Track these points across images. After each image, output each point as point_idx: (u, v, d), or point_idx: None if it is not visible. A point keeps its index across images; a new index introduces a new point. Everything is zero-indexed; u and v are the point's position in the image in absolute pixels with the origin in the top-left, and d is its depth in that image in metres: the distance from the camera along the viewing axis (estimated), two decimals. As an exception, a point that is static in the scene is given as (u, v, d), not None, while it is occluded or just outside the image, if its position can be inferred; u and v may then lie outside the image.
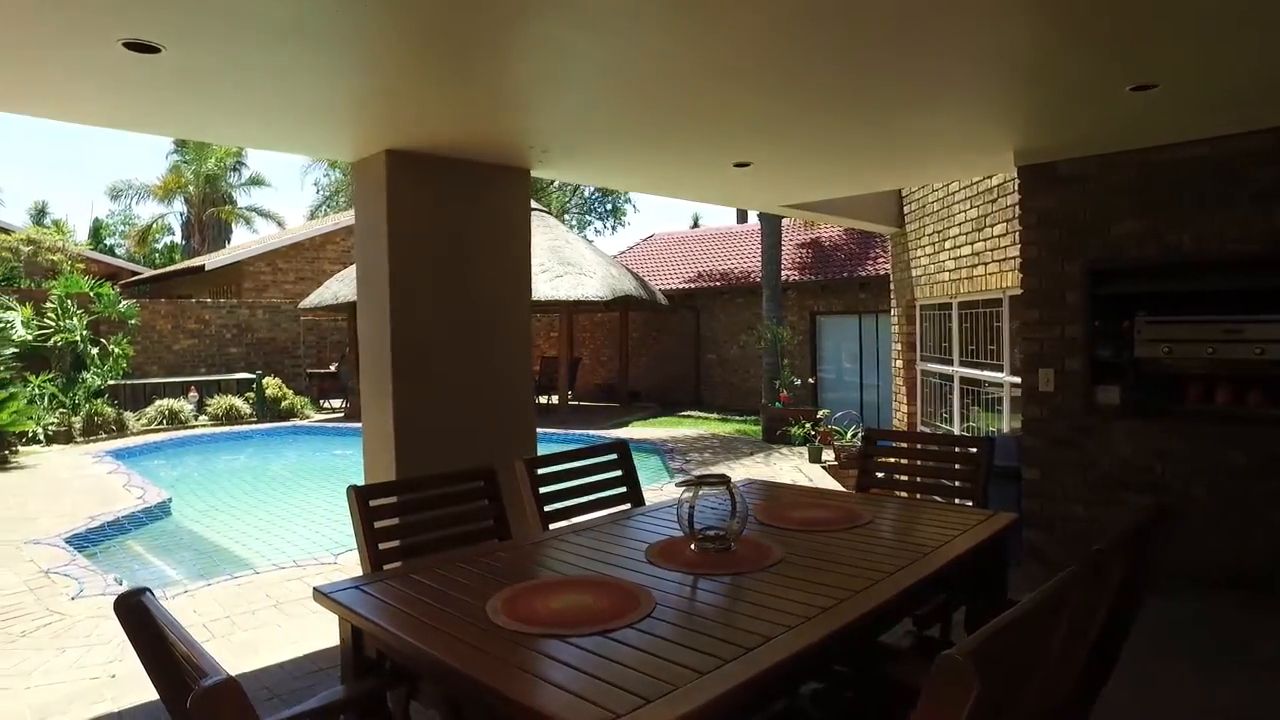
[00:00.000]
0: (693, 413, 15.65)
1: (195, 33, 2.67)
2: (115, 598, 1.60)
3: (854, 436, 9.75)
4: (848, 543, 2.73)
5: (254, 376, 14.57)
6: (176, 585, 5.14)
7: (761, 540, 2.72)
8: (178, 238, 35.78)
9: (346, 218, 20.02)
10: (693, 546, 2.61)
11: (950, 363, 7.88)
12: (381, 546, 2.76)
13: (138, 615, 1.59)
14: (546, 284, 13.19)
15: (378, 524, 2.79)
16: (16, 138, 63.05)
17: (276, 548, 6.44)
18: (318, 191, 33.18)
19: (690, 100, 3.73)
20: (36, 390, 11.59)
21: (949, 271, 7.61)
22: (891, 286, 9.47)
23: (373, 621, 2.15)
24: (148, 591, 1.62)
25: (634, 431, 12.63)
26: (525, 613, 2.07)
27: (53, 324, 12.87)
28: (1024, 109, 4.08)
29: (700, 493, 2.63)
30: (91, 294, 13.61)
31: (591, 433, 12.29)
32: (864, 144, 4.74)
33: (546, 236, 14.83)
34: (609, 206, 29.46)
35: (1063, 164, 4.90)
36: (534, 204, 17.60)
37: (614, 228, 43.89)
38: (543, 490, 3.37)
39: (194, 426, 13.39)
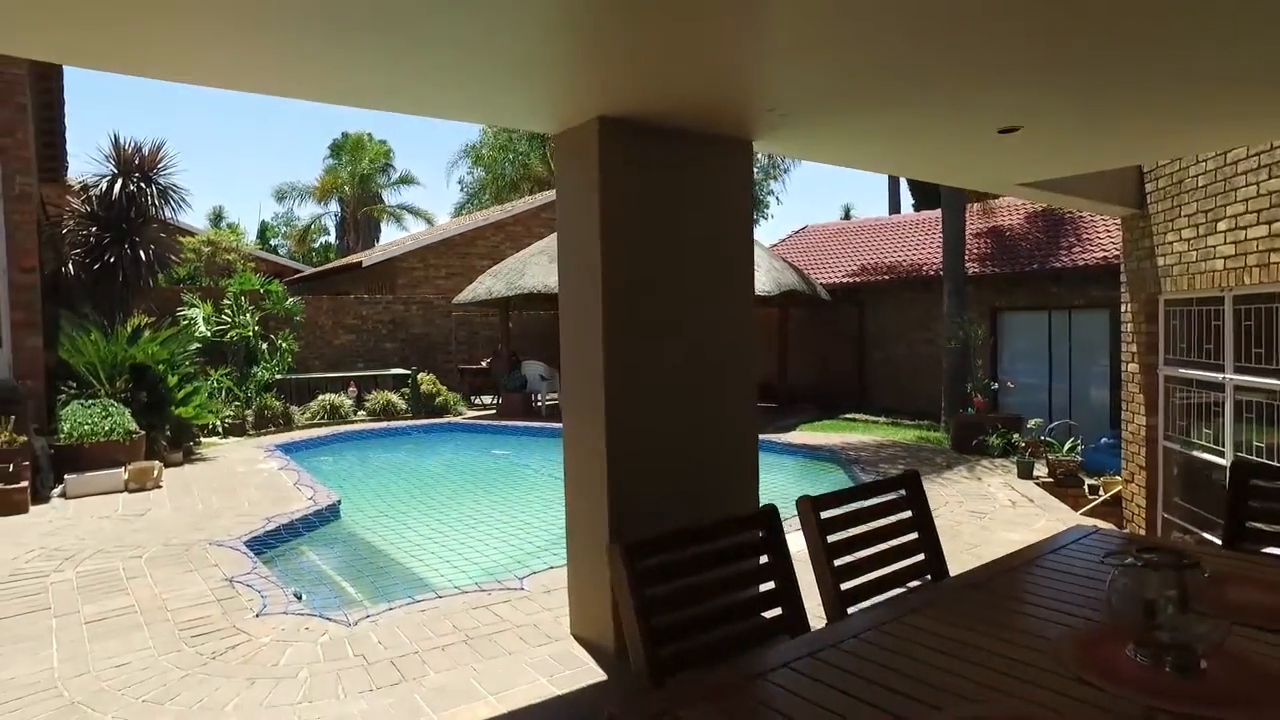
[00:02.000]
0: (857, 415, 14.52)
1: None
2: None
3: (1071, 450, 8.45)
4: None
5: (409, 372, 14.66)
6: (357, 607, 4.74)
7: (1248, 656, 1.81)
8: (332, 237, 37.75)
9: (497, 213, 20.10)
10: (1136, 657, 1.75)
11: (1219, 368, 6.51)
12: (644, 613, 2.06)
13: None
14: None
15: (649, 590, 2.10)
16: (199, 148, 68.94)
17: (452, 563, 6.01)
18: (462, 189, 33.99)
19: (959, 47, 2.88)
20: (215, 384, 11.98)
21: (1224, 259, 6.25)
22: (1123, 279, 8.09)
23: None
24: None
25: (803, 436, 11.71)
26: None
27: (229, 320, 13.33)
28: None
29: (1140, 570, 1.76)
30: (262, 291, 14.06)
31: (761, 437, 11.42)
32: (1166, 96, 3.67)
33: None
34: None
35: None
36: None
37: (757, 220, 42.64)
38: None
39: (353, 421, 13.57)
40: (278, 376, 13.33)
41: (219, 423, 11.57)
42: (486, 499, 8.48)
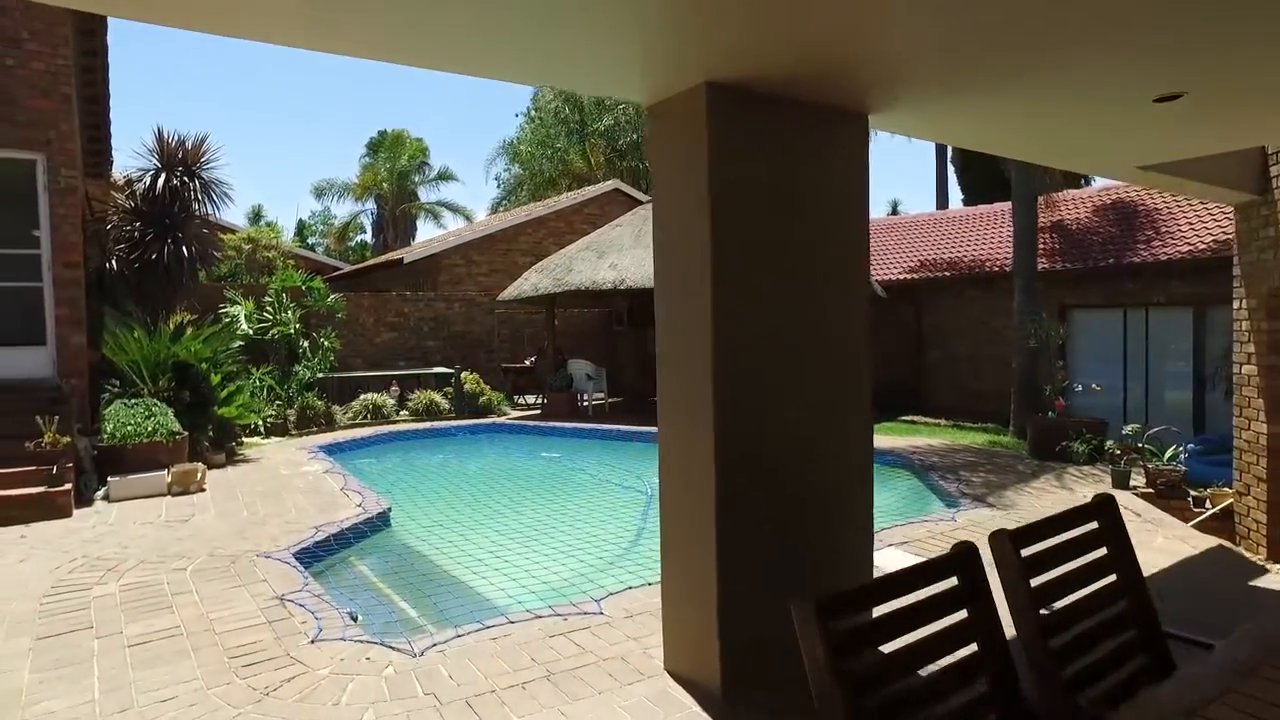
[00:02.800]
0: (916, 417, 13.90)
1: None
2: None
3: (1173, 458, 7.79)
4: None
5: (452, 371, 14.32)
6: (421, 633, 4.31)
7: None
8: (368, 236, 37.76)
9: (540, 208, 19.72)
10: None
11: (1360, 371, 5.85)
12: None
13: None
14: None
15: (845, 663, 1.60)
16: (237, 148, 69.80)
17: (516, 579, 5.57)
18: (498, 186, 33.76)
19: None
20: (257, 383, 11.71)
21: (1372, 248, 5.60)
22: (1236, 271, 7.41)
23: None
24: None
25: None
26: None
27: (270, 318, 13.08)
28: None
29: None
30: (304, 288, 13.80)
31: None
32: None
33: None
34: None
35: None
36: None
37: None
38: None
39: (395, 421, 13.26)
40: (319, 375, 13.05)
41: (260, 422, 11.30)
42: (544, 506, 8.05)
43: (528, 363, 16.04)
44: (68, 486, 7.02)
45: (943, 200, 28.00)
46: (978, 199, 24.43)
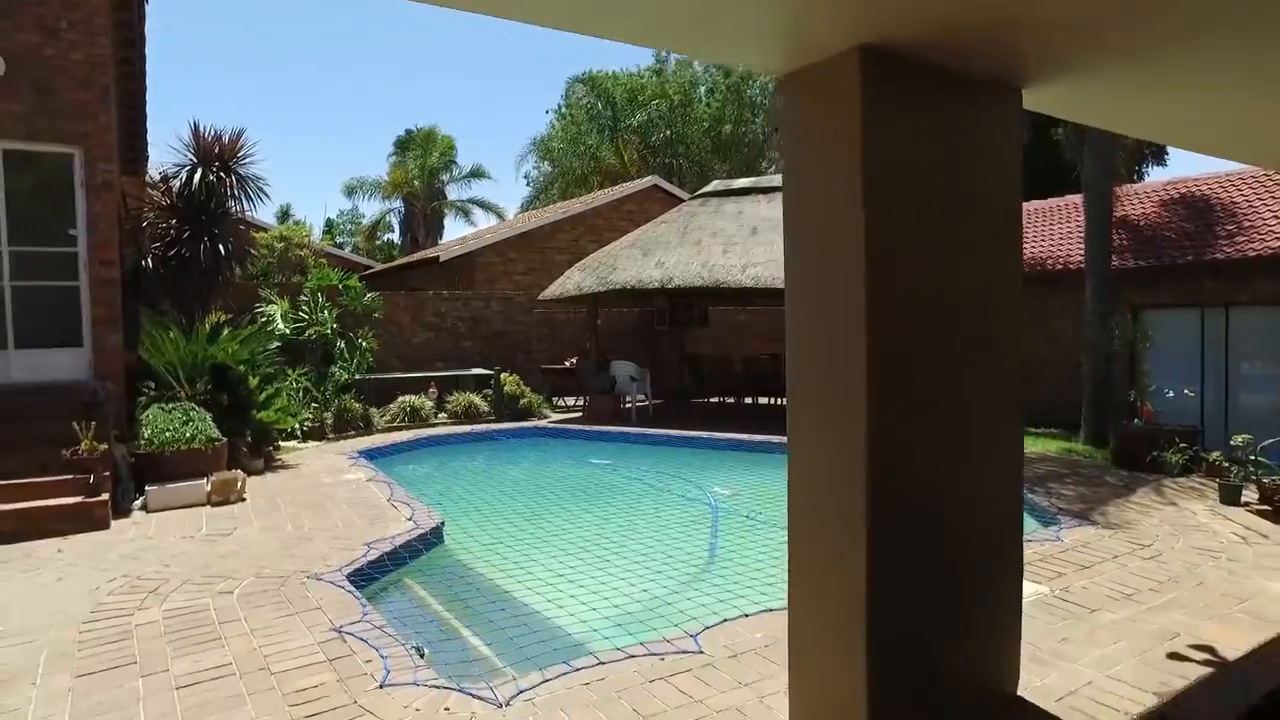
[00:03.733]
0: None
1: None
2: None
3: (1288, 473, 7.15)
4: None
5: (491, 373, 13.89)
6: (501, 677, 3.84)
7: None
8: (396, 235, 37.55)
9: (578, 205, 19.28)
10: None
11: None
12: None
13: None
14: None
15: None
16: (264, 148, 69.99)
17: (593, 606, 5.08)
18: (528, 184, 33.40)
19: None
20: (294, 385, 11.34)
21: None
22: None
23: None
24: None
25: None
26: None
27: (306, 317, 12.73)
28: None
29: None
30: (340, 287, 13.44)
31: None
32: None
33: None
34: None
35: None
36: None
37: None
38: None
39: (434, 424, 12.87)
40: (356, 377, 12.68)
41: (298, 426, 10.93)
42: (606, 519, 7.56)
43: (568, 364, 15.58)
44: (105, 496, 6.67)
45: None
46: (1025, 197, 23.67)
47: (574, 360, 15.69)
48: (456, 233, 31.91)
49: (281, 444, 10.45)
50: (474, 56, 71.99)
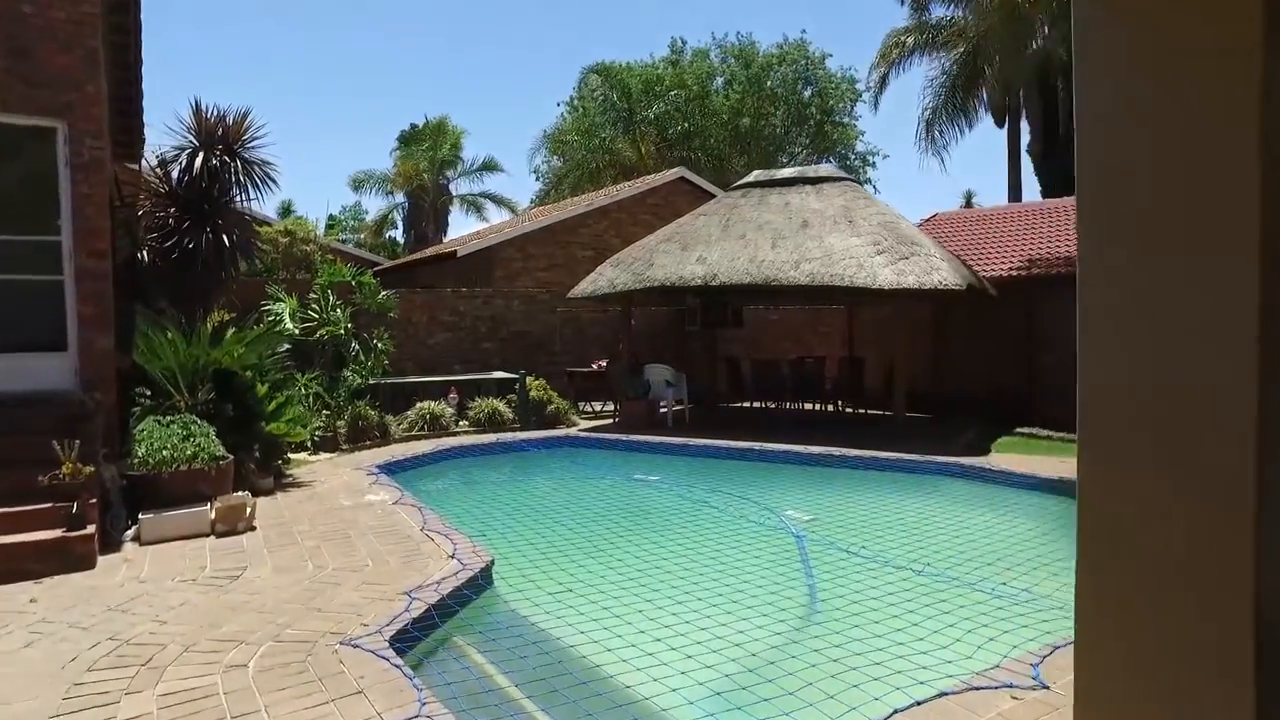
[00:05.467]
0: (1036, 430, 12.23)
1: None
2: None
3: None
4: None
5: (515, 376, 12.84)
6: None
7: None
8: (399, 231, 36.46)
9: (602, 198, 18.22)
10: None
11: None
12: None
13: None
14: (889, 269, 10.32)
15: None
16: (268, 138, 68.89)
17: (693, 675, 4.03)
18: (537, 179, 32.34)
19: None
20: (303, 390, 10.29)
21: None
22: None
23: None
24: None
25: (1012, 462, 9.48)
26: None
27: (316, 317, 11.68)
28: None
29: None
30: (354, 284, 12.38)
31: (938, 459, 9.38)
32: None
33: (868, 207, 11.99)
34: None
35: None
36: (832, 168, 14.67)
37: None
38: None
39: (456, 433, 11.82)
40: (370, 381, 11.62)
41: (310, 438, 9.88)
42: (676, 552, 6.47)
43: (595, 366, 14.53)
44: (90, 529, 5.62)
45: (1015, 193, 26.15)
46: (1060, 191, 22.63)
47: (602, 363, 14.64)
48: (465, 228, 30.90)
49: (291, 457, 9.40)
50: (483, 49, 70.85)
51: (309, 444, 10.04)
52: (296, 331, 11.19)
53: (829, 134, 30.15)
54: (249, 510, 6.51)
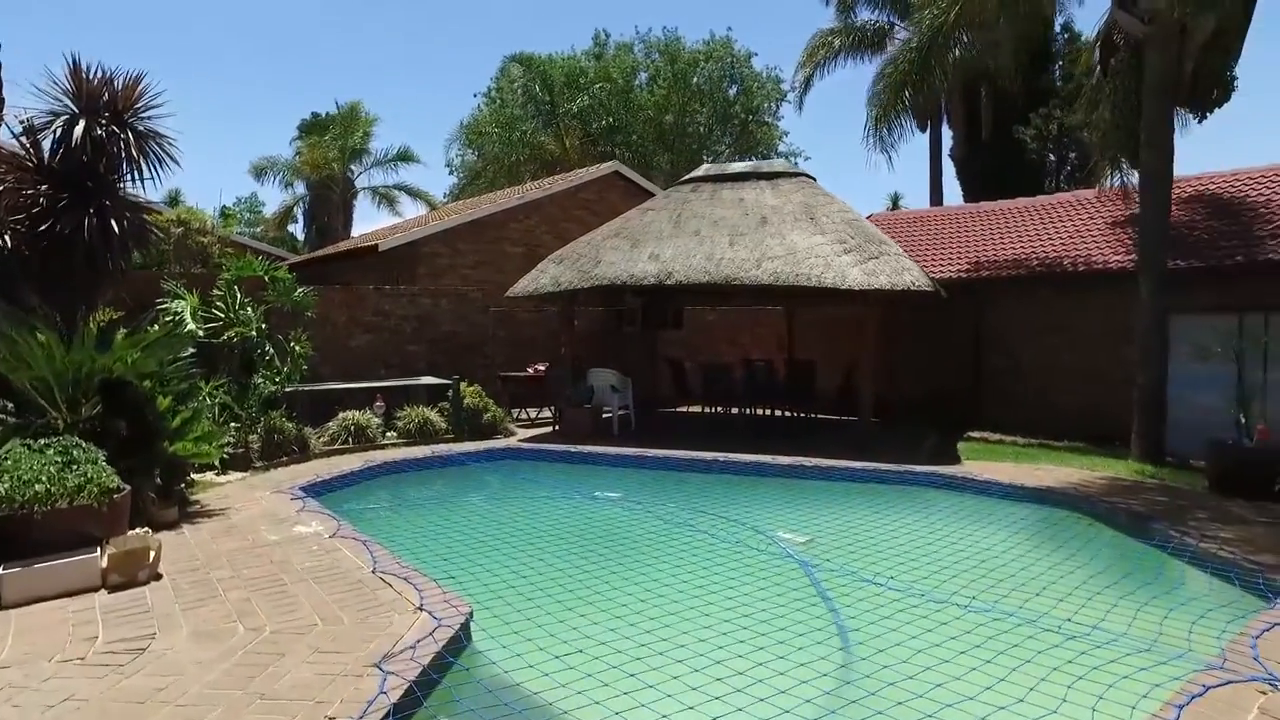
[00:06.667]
0: (989, 434, 12.07)
1: None
2: None
3: None
4: None
5: (448, 382, 11.70)
6: None
7: None
8: (299, 225, 34.07)
9: (535, 191, 17.15)
10: None
11: None
12: None
13: None
14: (858, 269, 9.79)
15: None
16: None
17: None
18: (451, 172, 30.79)
19: None
20: (208, 400, 8.89)
21: None
22: None
23: None
24: None
25: (985, 469, 9.11)
26: None
27: (222, 316, 10.24)
28: None
29: None
30: (266, 279, 10.96)
31: (918, 470, 8.95)
32: None
33: (829, 205, 11.47)
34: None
35: None
36: (788, 162, 13.95)
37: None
38: None
39: (383, 445, 10.62)
40: (287, 389, 10.28)
41: (218, 456, 8.51)
42: (669, 587, 5.59)
43: (533, 370, 13.51)
44: (-64, 593, 4.31)
45: (936, 196, 26.55)
46: (982, 196, 22.97)
47: (540, 367, 13.64)
48: (375, 222, 29.05)
49: (196, 478, 8.06)
50: (398, 31, 67.66)
51: (217, 463, 8.66)
52: (200, 333, 9.75)
53: (753, 133, 29.93)
54: (152, 554, 5.27)
